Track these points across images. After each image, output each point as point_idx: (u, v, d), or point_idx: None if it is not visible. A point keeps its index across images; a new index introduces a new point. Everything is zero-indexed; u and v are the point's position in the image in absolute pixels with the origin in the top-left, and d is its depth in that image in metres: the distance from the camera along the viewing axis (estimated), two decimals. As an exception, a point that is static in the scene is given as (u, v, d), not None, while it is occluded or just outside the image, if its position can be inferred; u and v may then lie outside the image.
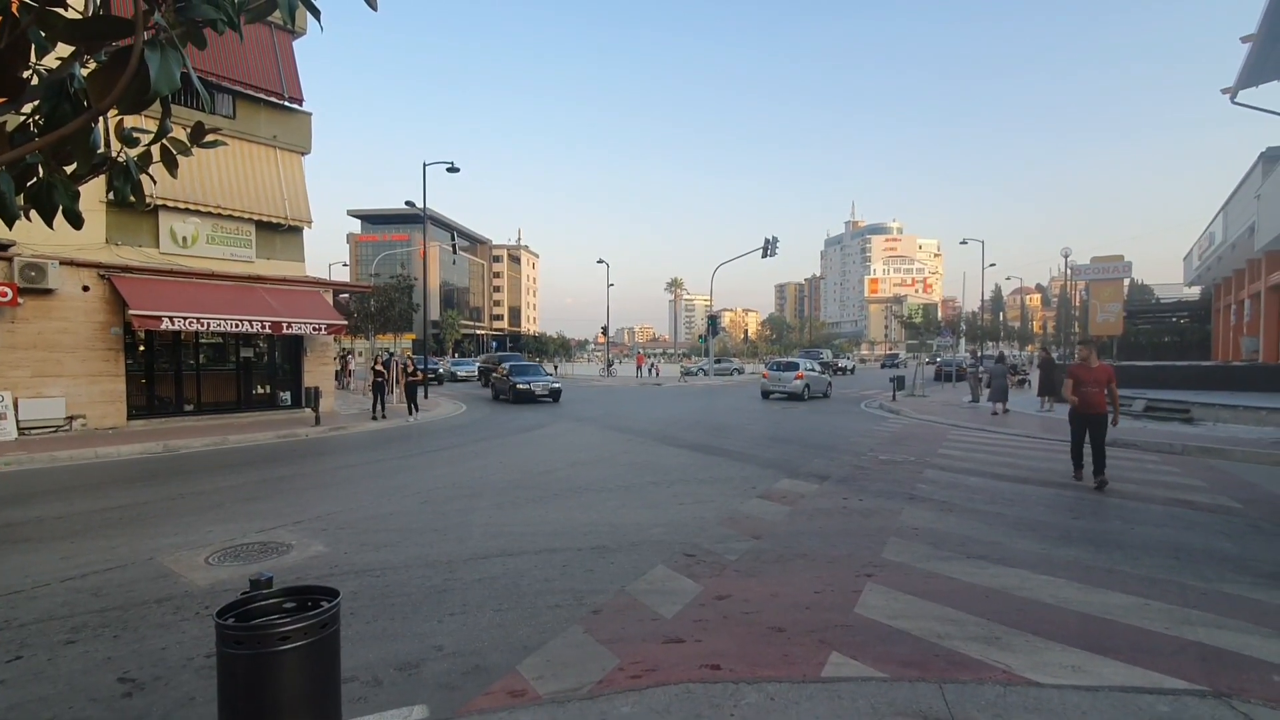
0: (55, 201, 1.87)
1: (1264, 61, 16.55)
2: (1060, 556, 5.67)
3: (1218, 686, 3.39)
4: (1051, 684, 3.41)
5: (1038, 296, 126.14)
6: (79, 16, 1.55)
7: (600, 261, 53.04)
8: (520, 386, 23.27)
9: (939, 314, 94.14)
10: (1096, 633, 4.08)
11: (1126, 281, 40.25)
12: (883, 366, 59.79)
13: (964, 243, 44.45)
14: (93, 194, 14.17)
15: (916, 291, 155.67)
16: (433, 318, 70.19)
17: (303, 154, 18.96)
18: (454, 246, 46.92)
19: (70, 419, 14.17)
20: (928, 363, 34.41)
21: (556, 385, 23.82)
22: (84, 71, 1.66)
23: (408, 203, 28.72)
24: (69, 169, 1.90)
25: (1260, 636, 4.04)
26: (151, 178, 2.27)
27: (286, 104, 18.24)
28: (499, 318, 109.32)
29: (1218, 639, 3.99)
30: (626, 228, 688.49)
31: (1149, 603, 4.58)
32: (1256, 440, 12.26)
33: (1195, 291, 42.07)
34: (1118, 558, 5.63)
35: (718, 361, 51.20)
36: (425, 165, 25.38)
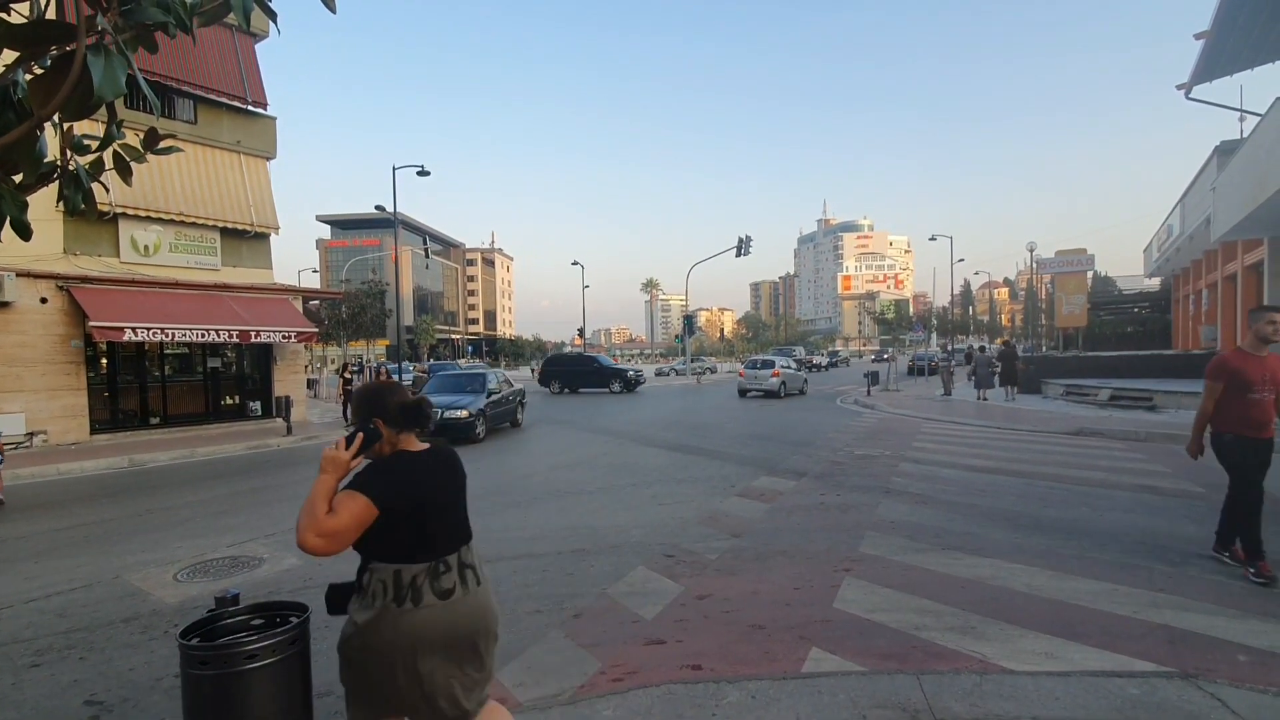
0: (2, 212, 1.80)
1: (1217, 58, 17.07)
2: (1032, 545, 5.78)
3: (1185, 667, 3.47)
4: (1025, 671, 3.47)
5: (1005, 290, 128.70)
6: (24, 20, 1.50)
7: (575, 263, 52.90)
8: None
9: (910, 309, 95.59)
10: (1068, 619, 4.17)
11: (1090, 274, 41.31)
12: (829, 366, 57.38)
13: (933, 239, 45.21)
14: (49, 203, 13.75)
15: (888, 288, 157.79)
16: (407, 323, 69.43)
17: (268, 159, 18.61)
18: (426, 250, 46.49)
19: (31, 435, 13.74)
20: (874, 360, 34.90)
21: (460, 413, 13.69)
22: (27, 78, 1.60)
23: (378, 207, 28.36)
24: (16, 178, 1.84)
25: (1225, 617, 4.15)
26: (104, 186, 2.20)
27: (250, 108, 17.89)
28: (474, 321, 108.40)
29: (1184, 621, 4.09)
30: (601, 229, 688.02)
31: (1117, 587, 4.69)
32: (1217, 426, 12.60)
33: (1156, 282, 43.23)
34: (1087, 544, 5.76)
35: (693, 360, 51.36)
36: (395, 169, 25.11)
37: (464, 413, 13.73)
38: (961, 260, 49.16)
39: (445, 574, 2.12)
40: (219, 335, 15.58)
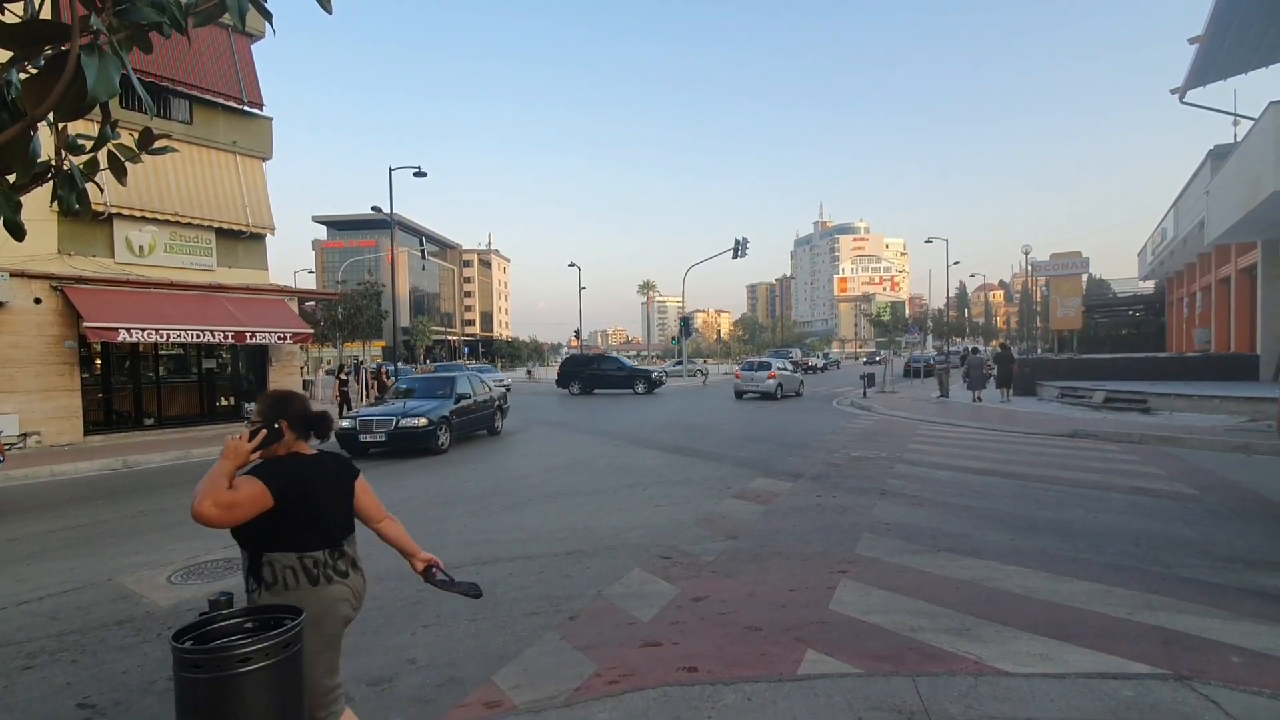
0: (-5, 212, 1.79)
1: (1211, 62, 17.18)
2: (1027, 546, 5.79)
3: (1179, 669, 3.49)
4: (1020, 673, 3.48)
5: (1001, 293, 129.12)
6: (17, 20, 1.49)
7: (572, 265, 52.95)
8: (346, 428, 12.36)
9: (906, 311, 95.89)
10: (1063, 620, 4.18)
11: (1085, 276, 41.49)
12: (823, 368, 55.65)
13: (929, 241, 45.34)
14: (43, 204, 13.68)
15: (884, 290, 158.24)
16: (403, 324, 69.31)
17: (264, 159, 18.57)
18: (423, 252, 46.49)
19: (24, 436, 13.65)
20: (865, 363, 34.85)
21: (417, 421, 12.23)
22: (22, 78, 1.59)
23: (374, 208, 28.33)
24: (10, 179, 1.83)
25: (1218, 619, 4.17)
26: (99, 186, 2.20)
27: (246, 109, 17.85)
28: (470, 323, 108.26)
29: (1178, 623, 4.11)
30: (598, 230, 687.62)
31: (1112, 589, 4.70)
32: (1210, 428, 12.68)
33: (1150, 285, 43.41)
34: (1081, 546, 5.78)
35: (688, 362, 51.40)
36: (391, 170, 25.08)
37: (422, 421, 12.35)
38: (957, 263, 49.23)
39: (340, 559, 2.46)
40: (214, 336, 15.52)
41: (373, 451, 12.50)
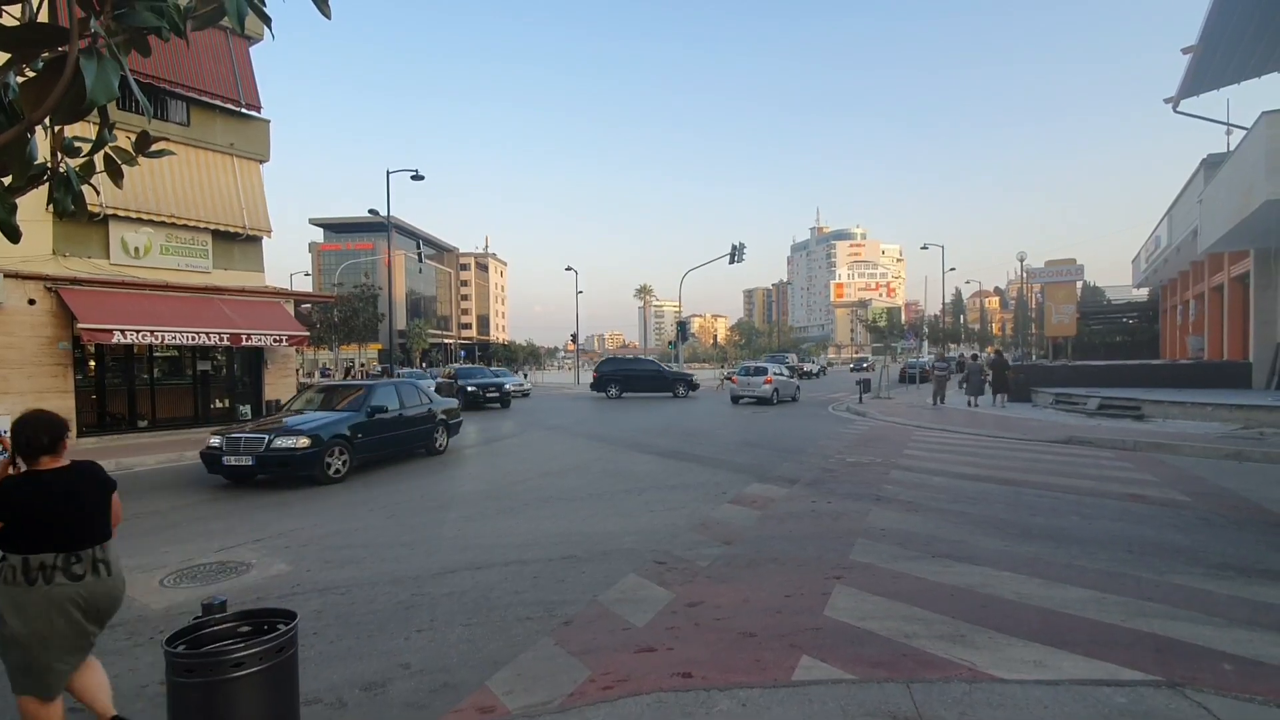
0: (-9, 214, 1.79)
1: (1204, 72, 17.32)
2: (1021, 553, 5.80)
3: (1171, 676, 3.49)
4: (1014, 679, 3.48)
5: (996, 299, 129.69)
6: (15, 23, 1.49)
7: (569, 269, 52.95)
8: (212, 447, 9.89)
9: (902, 317, 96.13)
10: (1056, 627, 4.18)
11: (1079, 283, 41.64)
12: (818, 373, 55.15)
13: (925, 248, 45.53)
14: (39, 204, 13.59)
15: (880, 296, 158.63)
16: (399, 327, 69.22)
17: (261, 162, 18.55)
18: (420, 255, 46.41)
19: (15, 438, 13.57)
20: (852, 369, 34.40)
21: (295, 441, 9.66)
22: (19, 80, 1.59)
23: (371, 211, 28.29)
24: (5, 180, 1.83)
25: (1211, 626, 4.18)
26: (95, 188, 2.19)
27: (243, 111, 17.83)
28: (467, 326, 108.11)
29: (1171, 630, 4.12)
30: (595, 235, 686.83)
31: (1105, 596, 4.72)
32: (1203, 435, 12.74)
33: (1144, 293, 43.62)
34: (1075, 553, 5.79)
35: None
36: (389, 173, 25.10)
37: (303, 441, 9.66)
38: (953, 269, 49.52)
39: (77, 564, 2.78)
40: (209, 338, 15.47)
41: (260, 478, 9.91)
